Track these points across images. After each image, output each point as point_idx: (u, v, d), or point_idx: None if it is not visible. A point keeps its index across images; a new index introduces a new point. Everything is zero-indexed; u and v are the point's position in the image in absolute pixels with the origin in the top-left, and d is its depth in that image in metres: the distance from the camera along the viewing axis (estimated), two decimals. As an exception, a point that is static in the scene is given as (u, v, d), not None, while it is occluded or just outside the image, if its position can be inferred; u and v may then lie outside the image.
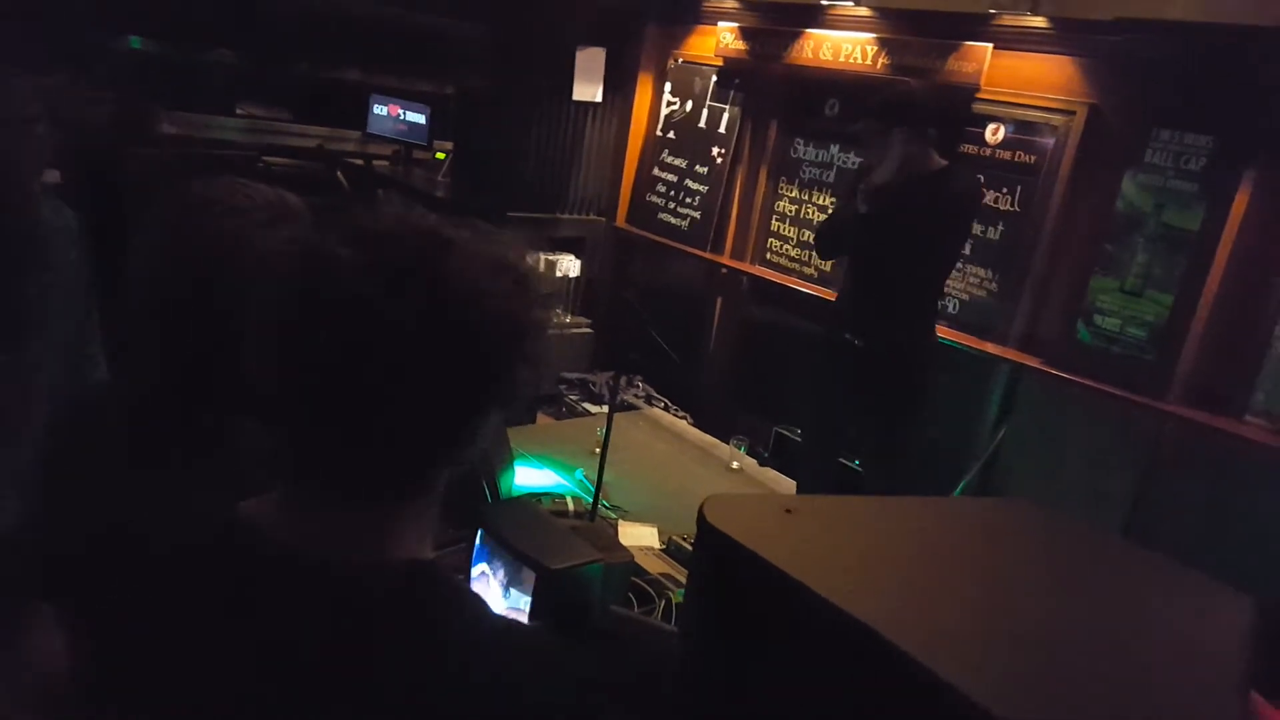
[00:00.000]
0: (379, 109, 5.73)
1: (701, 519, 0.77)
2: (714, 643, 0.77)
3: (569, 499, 3.03)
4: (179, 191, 1.30)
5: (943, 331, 3.66)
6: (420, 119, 5.58)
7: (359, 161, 5.48)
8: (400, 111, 5.68)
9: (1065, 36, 3.82)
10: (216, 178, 1.32)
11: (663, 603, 2.45)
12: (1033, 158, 3.93)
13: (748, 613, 0.72)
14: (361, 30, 5.80)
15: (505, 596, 1.87)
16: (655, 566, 2.68)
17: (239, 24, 5.38)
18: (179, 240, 1.28)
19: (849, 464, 3.93)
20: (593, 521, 2.91)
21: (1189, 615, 0.78)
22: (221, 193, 1.35)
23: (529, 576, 1.87)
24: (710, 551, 0.75)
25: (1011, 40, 3.97)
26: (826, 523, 0.80)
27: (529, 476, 3.05)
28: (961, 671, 0.60)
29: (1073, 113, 3.79)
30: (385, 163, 5.67)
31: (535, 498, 2.97)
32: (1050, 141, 3.87)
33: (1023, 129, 3.96)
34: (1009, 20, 3.96)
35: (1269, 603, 0.85)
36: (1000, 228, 4.03)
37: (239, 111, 5.67)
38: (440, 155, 5.69)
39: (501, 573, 1.91)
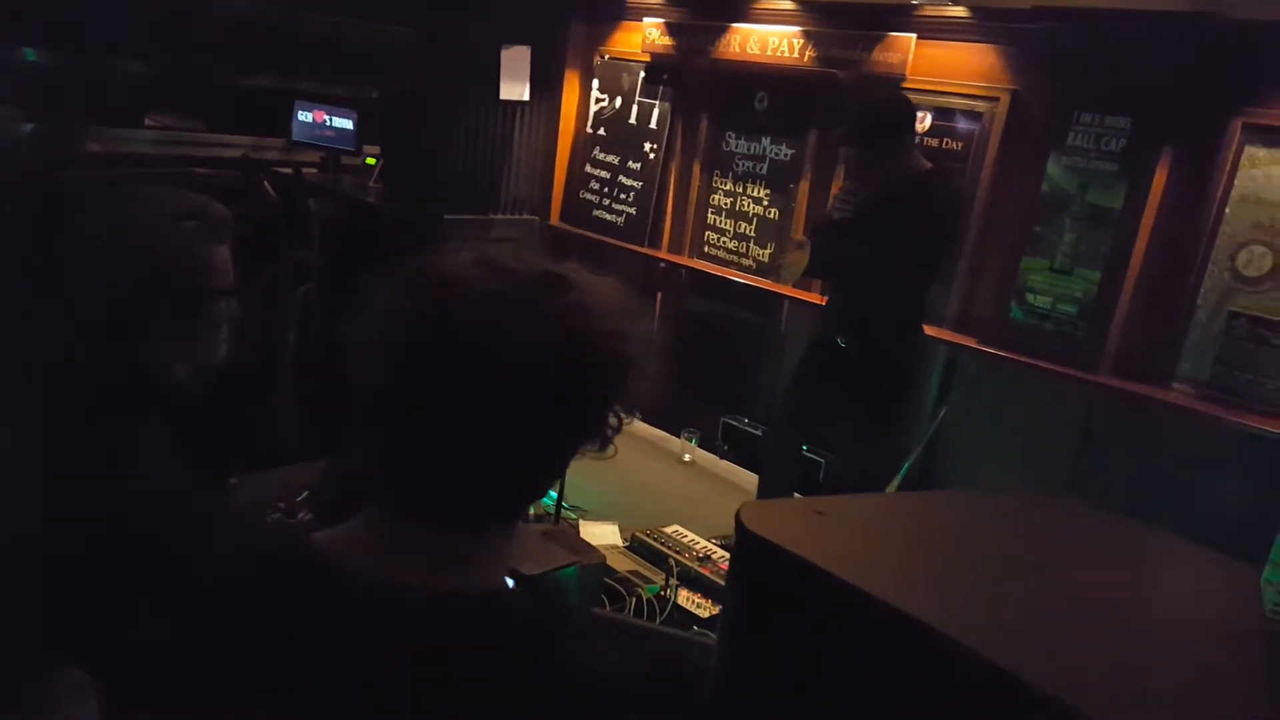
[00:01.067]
0: (304, 115, 5.60)
1: (740, 526, 0.78)
2: (761, 647, 0.79)
3: (529, 502, 3.02)
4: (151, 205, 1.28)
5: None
6: (348, 124, 5.47)
7: (288, 170, 5.34)
8: (326, 117, 5.55)
9: (986, 25, 3.92)
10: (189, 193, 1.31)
11: (633, 600, 2.46)
12: (959, 144, 4.04)
13: (795, 615, 0.74)
14: (279, 35, 5.65)
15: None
16: (622, 564, 2.70)
17: (148, 31, 5.19)
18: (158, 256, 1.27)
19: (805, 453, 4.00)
20: (556, 524, 2.91)
21: (1214, 591, 0.82)
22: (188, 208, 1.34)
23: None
24: (751, 557, 0.77)
25: (934, 30, 4.07)
26: (859, 522, 0.82)
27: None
28: (1021, 660, 0.62)
29: (996, 99, 3.90)
30: (313, 170, 5.53)
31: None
32: (975, 127, 3.98)
33: (948, 116, 4.07)
34: (931, 10, 4.06)
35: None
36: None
37: (148, 123, 5.48)
38: (370, 160, 5.58)
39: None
